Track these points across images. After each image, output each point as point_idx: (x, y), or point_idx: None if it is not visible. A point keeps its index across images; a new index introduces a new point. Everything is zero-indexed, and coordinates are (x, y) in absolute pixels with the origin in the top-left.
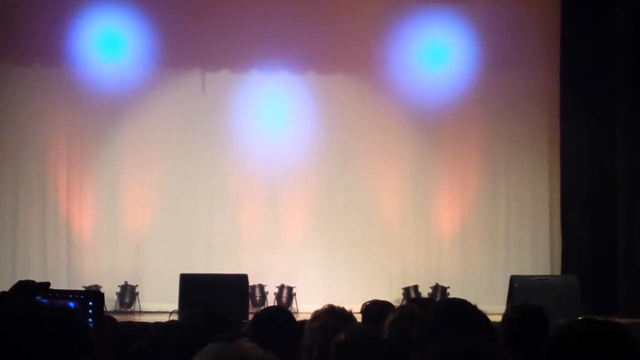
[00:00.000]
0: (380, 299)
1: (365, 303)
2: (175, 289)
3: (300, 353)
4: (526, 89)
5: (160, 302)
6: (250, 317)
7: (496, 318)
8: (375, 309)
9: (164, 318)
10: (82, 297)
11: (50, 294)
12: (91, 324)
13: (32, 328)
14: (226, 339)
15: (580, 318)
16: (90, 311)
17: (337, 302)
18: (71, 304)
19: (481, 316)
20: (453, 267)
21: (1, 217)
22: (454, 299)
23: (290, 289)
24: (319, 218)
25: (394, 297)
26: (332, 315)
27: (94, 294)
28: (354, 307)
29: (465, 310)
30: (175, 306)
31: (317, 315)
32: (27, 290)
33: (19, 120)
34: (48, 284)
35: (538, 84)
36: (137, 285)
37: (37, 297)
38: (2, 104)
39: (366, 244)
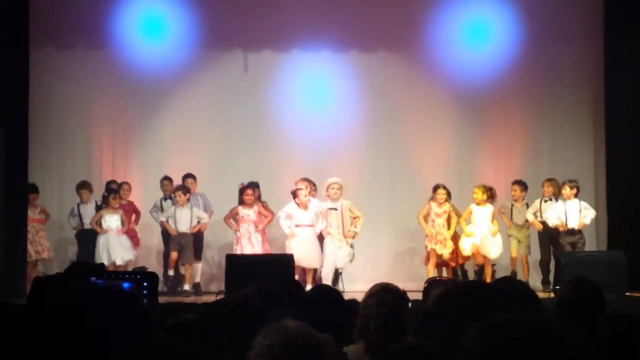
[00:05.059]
0: (425, 277)
1: (429, 279)
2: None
3: (353, 332)
4: (570, 64)
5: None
6: None
7: (541, 294)
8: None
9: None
10: (137, 277)
11: (105, 275)
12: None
13: (94, 311)
14: (277, 316)
15: None
16: (144, 292)
17: (382, 281)
18: (126, 285)
19: (528, 291)
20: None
21: (48, 201)
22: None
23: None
24: (363, 197)
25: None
26: (387, 292)
27: (148, 275)
28: (398, 285)
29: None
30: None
31: (373, 293)
32: (82, 271)
33: (62, 103)
34: (103, 265)
35: (582, 59)
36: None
37: (92, 278)
38: (46, 88)
39: (411, 222)
